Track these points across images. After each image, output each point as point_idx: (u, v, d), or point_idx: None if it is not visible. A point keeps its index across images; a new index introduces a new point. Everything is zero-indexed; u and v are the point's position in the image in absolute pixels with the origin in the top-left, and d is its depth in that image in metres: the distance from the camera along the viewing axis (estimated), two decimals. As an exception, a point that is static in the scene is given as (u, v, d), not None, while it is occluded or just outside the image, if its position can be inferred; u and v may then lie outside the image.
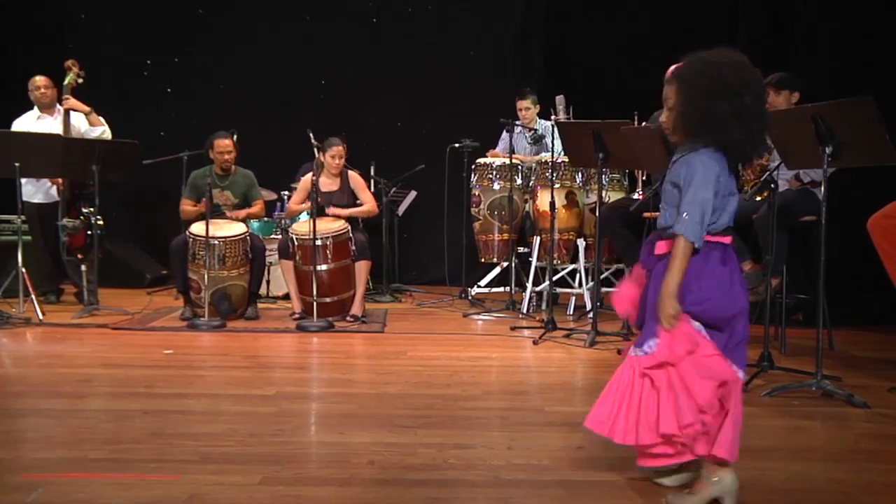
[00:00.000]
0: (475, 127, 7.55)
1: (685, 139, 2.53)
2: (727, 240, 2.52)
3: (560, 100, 5.57)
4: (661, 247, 2.54)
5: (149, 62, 8.57)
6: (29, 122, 6.53)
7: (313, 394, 3.94)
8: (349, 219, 6.15)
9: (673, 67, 2.70)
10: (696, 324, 2.45)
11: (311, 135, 7.63)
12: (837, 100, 3.75)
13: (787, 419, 3.54)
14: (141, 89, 8.47)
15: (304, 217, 6.72)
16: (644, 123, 5.66)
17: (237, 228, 5.94)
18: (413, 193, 7.96)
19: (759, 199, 5.09)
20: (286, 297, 6.92)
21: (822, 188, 3.84)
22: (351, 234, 5.97)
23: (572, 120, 5.65)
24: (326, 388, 4.04)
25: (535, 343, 5.17)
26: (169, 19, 8.48)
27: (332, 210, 6.13)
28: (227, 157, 6.25)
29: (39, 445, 2.96)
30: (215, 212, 6.00)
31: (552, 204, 5.56)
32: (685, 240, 2.40)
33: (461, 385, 4.10)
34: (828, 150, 3.74)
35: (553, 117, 5.58)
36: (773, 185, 4.25)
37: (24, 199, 6.13)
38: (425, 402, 3.69)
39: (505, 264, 6.83)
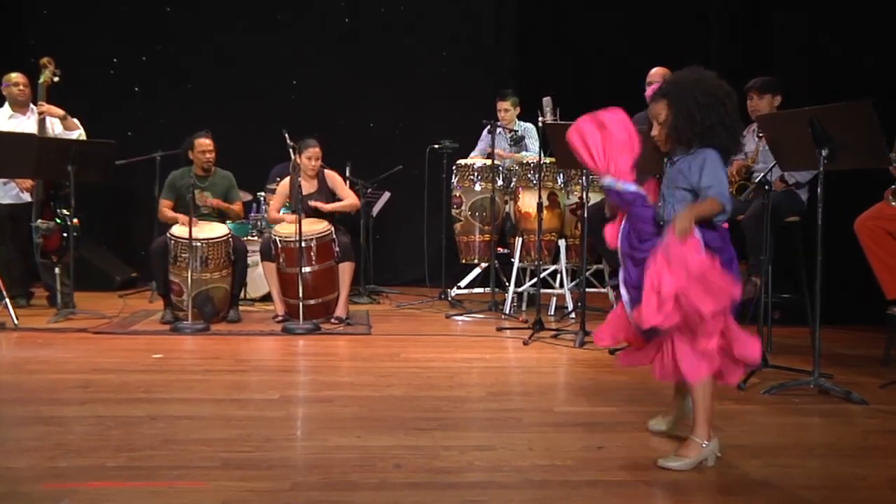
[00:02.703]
0: (448, 127, 7.56)
1: (679, 146, 2.91)
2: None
3: (547, 101, 5.58)
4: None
5: (115, 60, 8.41)
6: (1, 121, 6.34)
7: (317, 397, 3.89)
8: (332, 220, 6.09)
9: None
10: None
11: (286, 135, 7.53)
12: (835, 103, 3.82)
13: (791, 416, 3.61)
14: (107, 88, 8.30)
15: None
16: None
17: (219, 230, 5.85)
18: (387, 195, 7.93)
19: (741, 198, 5.20)
20: (264, 299, 6.85)
21: (819, 189, 3.92)
22: (335, 236, 5.93)
23: (559, 121, 5.67)
24: (329, 391, 3.99)
25: (525, 344, 5.19)
26: (135, 17, 8.33)
27: (314, 203, 6.05)
28: (207, 156, 6.17)
29: (52, 454, 2.87)
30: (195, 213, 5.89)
31: (540, 205, 5.59)
32: (716, 200, 2.78)
33: (463, 387, 4.10)
34: (824, 153, 3.82)
35: (541, 119, 5.60)
36: (767, 187, 4.32)
37: (-4, 200, 5.98)
38: (433, 405, 3.68)
39: (485, 265, 6.83)
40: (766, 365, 4.34)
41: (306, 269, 5.75)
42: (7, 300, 5.62)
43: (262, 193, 7.36)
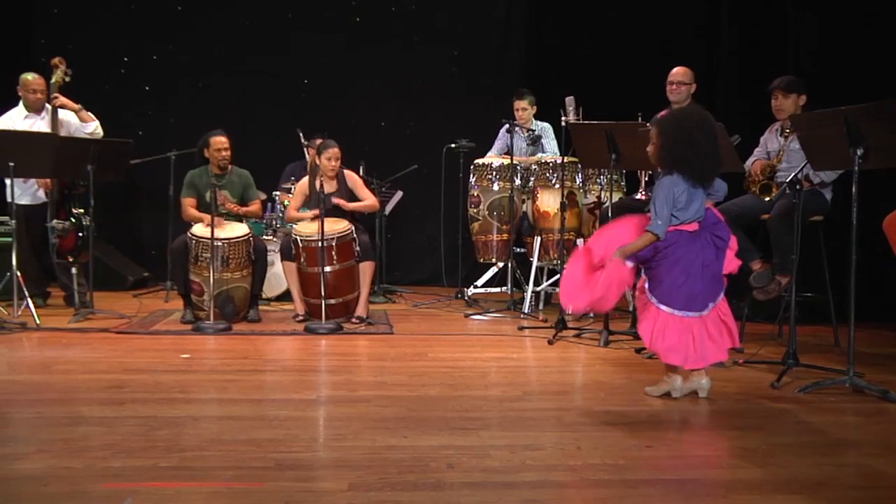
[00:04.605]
0: (460, 126, 7.55)
1: (662, 167, 3.75)
2: (692, 227, 3.66)
3: (570, 101, 5.59)
4: None
5: (126, 59, 8.35)
6: (16, 121, 6.29)
7: (354, 397, 3.87)
8: (351, 219, 6.08)
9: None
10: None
11: (300, 134, 7.54)
12: (871, 102, 3.83)
13: (830, 415, 3.62)
14: (118, 87, 8.24)
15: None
16: (648, 124, 5.71)
17: (240, 230, 5.83)
18: (399, 193, 7.91)
19: (766, 199, 5.22)
20: (279, 298, 6.84)
21: (853, 189, 3.92)
22: (355, 235, 5.91)
23: (582, 121, 5.68)
24: (365, 391, 3.98)
25: (549, 343, 5.19)
26: (146, 16, 8.27)
27: (336, 200, 6.04)
28: (223, 153, 6.13)
29: (104, 454, 2.86)
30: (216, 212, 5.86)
31: (563, 204, 5.60)
32: (651, 234, 3.61)
33: (498, 386, 4.11)
34: (859, 152, 3.84)
35: (563, 118, 5.60)
36: (798, 187, 4.32)
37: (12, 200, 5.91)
38: (472, 405, 3.68)
39: (501, 264, 6.83)
40: (796, 364, 4.35)
41: (327, 269, 5.73)
42: (29, 300, 5.59)
43: (277, 193, 7.33)
